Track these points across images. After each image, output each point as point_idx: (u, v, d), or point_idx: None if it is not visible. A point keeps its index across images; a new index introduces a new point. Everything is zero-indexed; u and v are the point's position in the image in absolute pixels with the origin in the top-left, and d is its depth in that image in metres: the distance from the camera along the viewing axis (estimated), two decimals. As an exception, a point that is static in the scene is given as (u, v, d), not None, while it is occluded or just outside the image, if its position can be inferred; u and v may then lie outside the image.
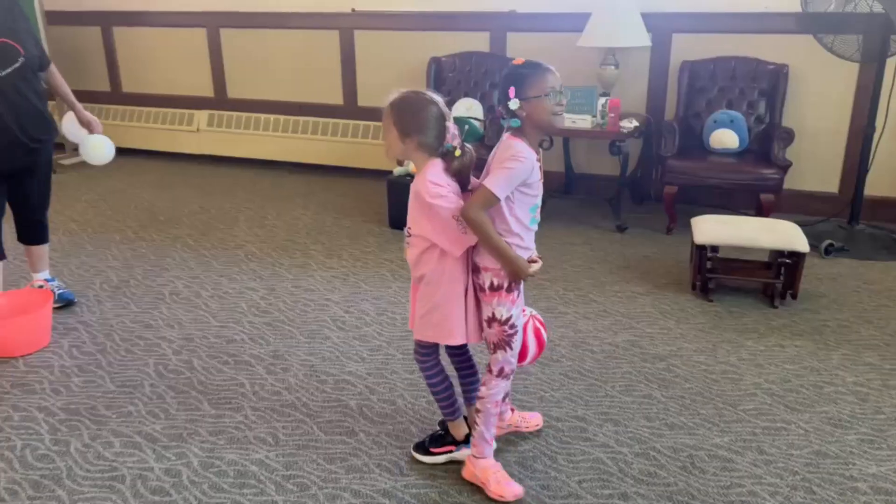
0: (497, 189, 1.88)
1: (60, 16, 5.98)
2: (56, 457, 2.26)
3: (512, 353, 2.05)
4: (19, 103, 2.94)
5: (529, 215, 1.99)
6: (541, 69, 1.91)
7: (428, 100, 1.96)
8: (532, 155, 1.91)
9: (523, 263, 1.96)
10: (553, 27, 4.70)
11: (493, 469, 2.09)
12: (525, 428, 2.38)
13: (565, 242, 4.08)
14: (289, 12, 5.41)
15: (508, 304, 2.00)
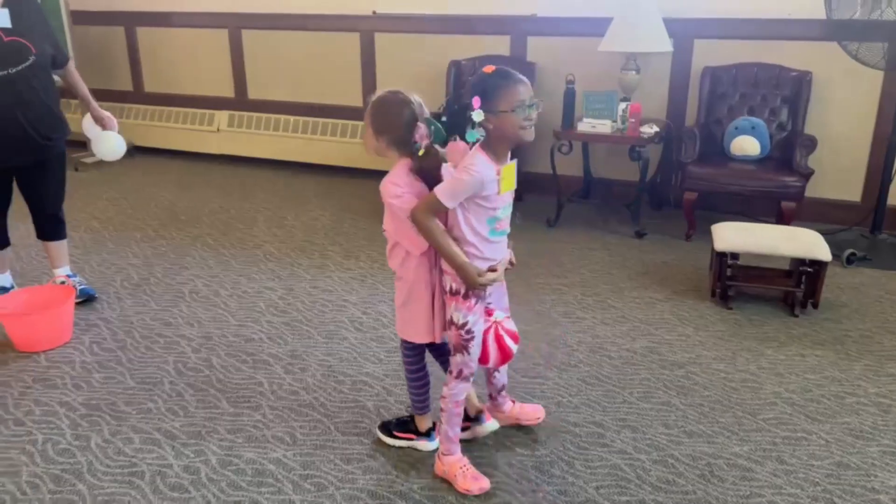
0: (443, 197, 1.90)
1: (85, 15, 6.05)
2: (77, 451, 2.29)
3: (469, 357, 2.07)
4: (30, 100, 2.98)
5: (487, 227, 1.99)
6: (511, 80, 1.87)
7: (403, 100, 2.01)
8: (487, 171, 1.90)
9: (472, 271, 1.96)
10: (574, 32, 4.69)
11: (459, 464, 2.14)
12: (525, 421, 2.41)
13: (583, 247, 4.06)
14: (310, 14, 5.44)
15: (464, 311, 2.02)
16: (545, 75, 4.83)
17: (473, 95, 1.87)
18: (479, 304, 2.04)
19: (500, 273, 2.05)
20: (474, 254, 1.99)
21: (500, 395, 2.40)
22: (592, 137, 4.28)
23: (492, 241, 2.01)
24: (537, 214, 4.61)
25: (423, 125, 2.01)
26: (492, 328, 2.12)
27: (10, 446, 2.31)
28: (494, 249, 2.04)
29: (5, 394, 2.61)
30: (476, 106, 1.86)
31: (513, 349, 2.17)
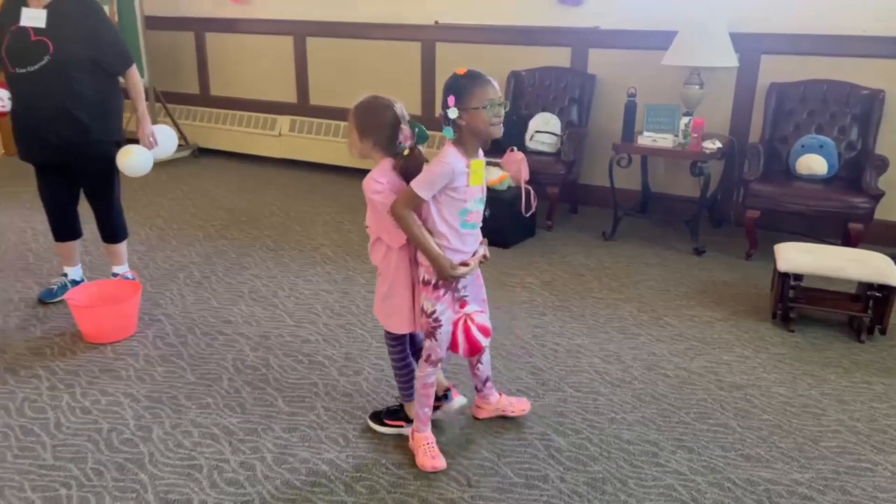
0: (419, 189, 2.05)
1: (158, 21, 6.28)
2: (139, 442, 2.36)
3: (437, 343, 2.21)
4: (43, 100, 3.00)
5: (459, 219, 2.13)
6: (481, 80, 2.02)
7: (385, 105, 2.15)
8: (457, 162, 2.05)
9: (445, 262, 2.11)
10: (637, 44, 4.65)
11: (424, 441, 2.29)
12: (511, 412, 2.50)
13: (639, 262, 4.01)
14: (374, 23, 5.53)
15: (433, 300, 2.17)
16: (605, 88, 4.80)
17: (448, 95, 2.01)
18: (447, 294, 2.19)
19: (471, 266, 2.20)
20: (446, 245, 2.14)
21: (485, 386, 2.49)
22: (653, 151, 4.23)
23: (463, 232, 2.16)
24: (593, 227, 4.57)
25: (406, 127, 2.14)
26: (461, 320, 2.22)
27: (78, 433, 2.40)
28: (466, 242, 2.19)
29: (74, 383, 2.71)
30: (451, 104, 2.00)
31: (481, 342, 2.25)
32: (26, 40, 2.97)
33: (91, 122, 3.11)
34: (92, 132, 3.13)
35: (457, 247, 2.16)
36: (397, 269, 2.22)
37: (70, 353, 2.93)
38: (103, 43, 3.08)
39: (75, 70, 3.02)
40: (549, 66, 4.87)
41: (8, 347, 2.97)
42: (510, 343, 3.07)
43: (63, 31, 2.98)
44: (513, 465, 2.27)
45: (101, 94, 3.13)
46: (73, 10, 3.01)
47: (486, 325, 2.27)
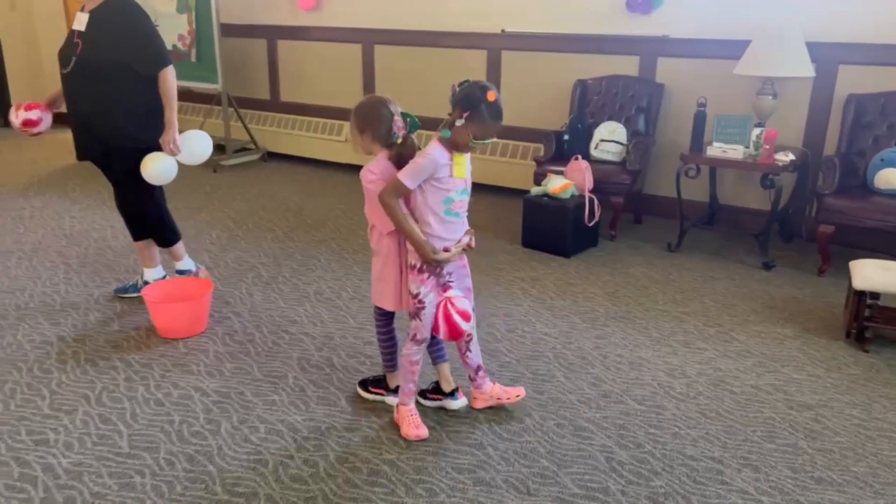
0: (405, 179, 2.26)
1: (233, 28, 6.50)
2: (208, 435, 2.45)
3: (421, 323, 2.41)
4: (74, 100, 3.20)
5: (443, 207, 2.32)
6: (495, 121, 2.23)
7: (380, 101, 2.38)
8: (441, 155, 2.27)
9: (427, 248, 2.31)
10: (708, 54, 4.57)
11: (408, 413, 2.47)
12: (507, 400, 2.60)
13: (706, 275, 3.93)
14: (441, 31, 5.58)
15: (418, 283, 2.37)
16: (674, 97, 4.73)
17: (466, 109, 2.21)
18: (431, 278, 2.38)
19: (453, 253, 2.38)
20: (430, 232, 2.33)
21: (477, 375, 2.60)
22: (722, 163, 4.14)
23: (447, 220, 2.35)
24: (658, 238, 4.50)
25: (399, 119, 2.35)
26: (442, 303, 2.37)
27: (151, 424, 2.50)
28: (450, 229, 2.36)
29: (148, 375, 2.83)
30: (464, 118, 2.21)
31: (461, 325, 2.37)
32: (69, 43, 3.16)
33: (119, 124, 3.17)
34: (119, 134, 3.19)
35: (440, 234, 2.34)
36: (388, 253, 2.44)
37: (145, 346, 3.06)
38: (134, 45, 3.10)
39: (104, 72, 3.10)
40: (616, 75, 4.83)
41: (88, 340, 3.11)
42: (571, 353, 3.05)
43: (96, 35, 3.09)
44: (573, 475, 2.26)
45: (132, 96, 3.16)
46: (111, 14, 3.11)
47: (466, 309, 2.39)
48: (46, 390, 2.71)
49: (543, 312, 3.44)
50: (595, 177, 4.30)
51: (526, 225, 4.35)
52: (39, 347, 3.04)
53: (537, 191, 4.32)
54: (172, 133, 3.20)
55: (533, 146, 5.28)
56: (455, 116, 2.23)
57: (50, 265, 3.95)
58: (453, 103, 2.25)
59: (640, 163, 4.41)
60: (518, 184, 5.31)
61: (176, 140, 3.21)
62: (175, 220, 3.58)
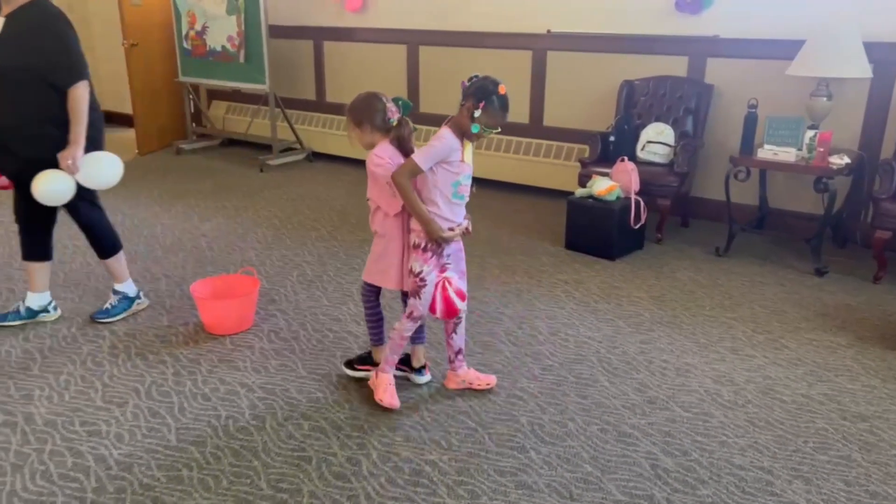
0: (420, 160, 2.41)
1: (281, 30, 6.59)
2: (254, 430, 2.48)
3: (421, 302, 2.54)
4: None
5: (452, 189, 2.48)
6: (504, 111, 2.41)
7: (370, 94, 2.54)
8: (453, 141, 2.42)
9: (436, 226, 2.46)
10: (760, 54, 4.46)
11: (385, 382, 2.63)
12: (478, 385, 2.73)
13: (755, 280, 3.84)
14: (486, 32, 5.57)
15: (421, 261, 2.51)
16: (724, 98, 4.64)
17: (481, 100, 2.36)
18: (434, 258, 2.52)
19: (456, 233, 2.54)
20: (437, 213, 2.48)
21: (457, 358, 2.74)
22: (773, 165, 4.04)
23: (453, 203, 2.51)
24: (705, 242, 4.42)
25: (391, 104, 2.50)
26: (440, 282, 2.54)
27: (198, 418, 2.55)
28: (455, 212, 2.53)
29: (195, 371, 2.88)
30: (481, 108, 2.36)
31: (457, 304, 2.56)
32: None
33: (28, 135, 2.95)
34: (27, 146, 2.96)
35: (446, 215, 2.50)
36: (392, 234, 2.59)
37: (192, 342, 3.12)
38: (48, 54, 2.89)
39: (14, 80, 2.89)
40: (663, 76, 4.76)
41: (139, 334, 3.19)
42: (615, 358, 3.01)
43: (9, 41, 2.89)
44: (617, 481, 2.23)
45: (44, 107, 2.92)
46: (28, 20, 2.89)
47: (462, 289, 2.59)
48: (99, 383, 2.78)
49: (587, 316, 3.41)
50: (641, 179, 4.24)
51: (570, 227, 4.31)
52: (92, 341, 3.12)
53: (582, 192, 4.28)
54: (74, 150, 2.93)
55: (578, 147, 5.23)
56: (471, 108, 2.37)
57: (103, 261, 4.06)
58: (466, 96, 2.40)
59: (687, 165, 4.33)
60: (562, 185, 5.27)
61: (77, 159, 2.94)
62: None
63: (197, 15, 6.46)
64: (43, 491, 2.17)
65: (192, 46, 6.63)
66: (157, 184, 5.78)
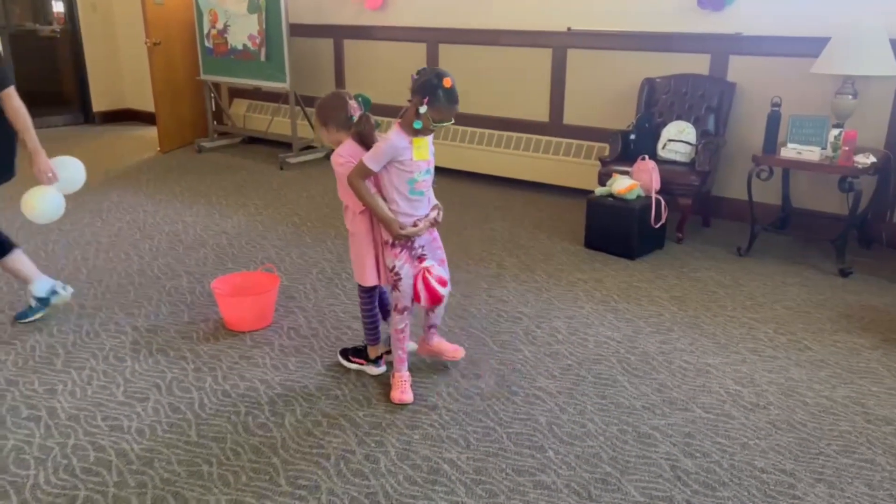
0: (368, 162, 2.47)
1: (302, 28, 6.62)
2: (273, 427, 2.50)
3: (401, 294, 2.62)
4: None
5: (407, 186, 2.52)
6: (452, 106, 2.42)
7: (334, 94, 2.66)
8: (399, 140, 2.45)
9: (394, 223, 2.53)
10: (783, 51, 4.41)
11: (401, 379, 2.68)
12: (446, 356, 2.87)
13: (777, 281, 3.79)
14: (506, 30, 5.56)
15: (392, 257, 2.59)
16: (746, 96, 4.58)
17: (425, 95, 2.37)
18: (403, 252, 2.59)
19: (420, 228, 2.58)
20: (397, 209, 2.54)
21: (429, 331, 2.87)
22: (797, 164, 3.99)
23: (412, 199, 2.55)
24: (726, 241, 4.38)
25: (353, 102, 2.58)
26: (420, 273, 2.59)
27: (218, 414, 2.57)
28: (415, 207, 2.57)
29: (216, 367, 2.90)
30: (425, 104, 2.38)
31: (440, 291, 2.61)
32: None
33: None
34: None
35: (407, 211, 2.55)
36: (360, 231, 2.65)
37: (213, 338, 3.14)
38: None
39: None
40: (685, 73, 4.71)
41: (160, 330, 3.22)
42: (635, 358, 2.99)
43: None
44: (636, 482, 2.21)
45: None
46: None
47: (443, 276, 2.64)
48: (121, 378, 2.81)
49: (607, 315, 3.39)
50: (662, 177, 4.20)
51: (589, 226, 4.28)
52: (115, 336, 3.16)
53: (602, 191, 4.25)
54: (41, 160, 2.83)
55: (598, 146, 5.20)
56: (416, 104, 2.39)
57: (125, 257, 4.10)
58: (413, 92, 2.42)
59: (709, 163, 4.28)
60: (582, 184, 5.24)
61: (50, 166, 2.86)
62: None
63: (219, 13, 6.51)
64: (66, 484, 2.20)
65: (213, 45, 6.68)
66: (178, 181, 5.83)
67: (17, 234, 4.41)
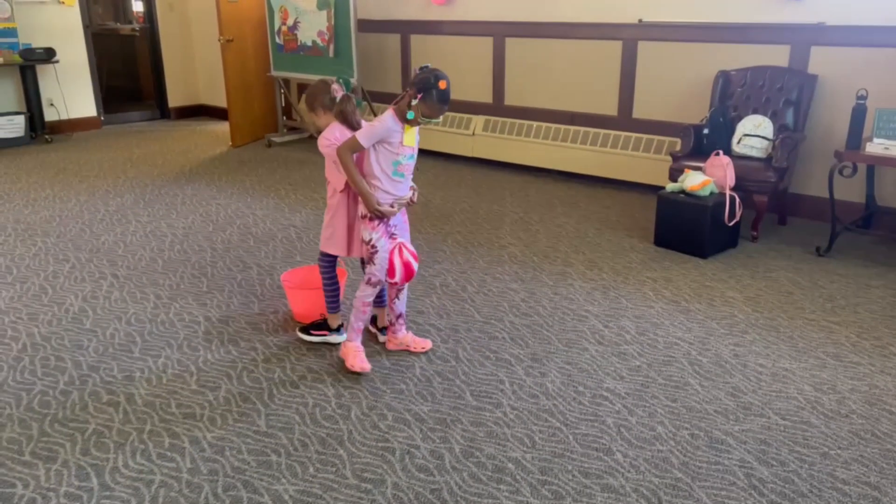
0: (361, 138, 2.64)
1: (369, 24, 6.68)
2: (339, 419, 2.52)
3: (376, 267, 2.76)
4: None
5: (392, 167, 2.69)
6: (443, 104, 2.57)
7: (320, 81, 2.88)
8: (393, 124, 2.63)
9: (373, 200, 2.69)
10: (870, 42, 4.19)
11: (353, 349, 2.84)
12: (415, 348, 2.96)
13: (860, 283, 3.61)
14: (575, 23, 5.47)
15: (369, 230, 2.75)
16: (828, 89, 4.38)
17: (420, 91, 2.54)
18: (381, 225, 2.74)
19: (395, 209, 2.74)
20: (378, 186, 2.71)
21: (397, 321, 2.97)
22: (884, 161, 3.78)
23: (394, 179, 2.72)
24: (804, 241, 4.20)
25: (335, 85, 2.80)
26: (396, 247, 2.75)
27: (287, 405, 2.62)
28: (396, 187, 2.73)
29: (284, 358, 2.96)
30: (417, 99, 2.55)
31: (414, 265, 2.77)
32: None
33: None
34: None
35: (388, 189, 2.72)
36: (339, 205, 2.85)
37: (282, 330, 3.20)
38: None
39: None
40: (762, 66, 4.54)
41: (231, 321, 3.30)
42: (707, 360, 2.90)
43: None
44: (708, 489, 2.14)
45: None
46: None
47: (414, 252, 2.80)
48: (194, 367, 2.90)
49: (677, 315, 3.30)
50: (737, 174, 4.06)
51: (660, 223, 4.17)
52: (188, 326, 3.26)
53: (673, 187, 4.14)
54: None
55: (669, 140, 5.07)
56: (411, 96, 2.56)
57: (198, 249, 4.23)
58: (410, 84, 2.58)
59: (787, 159, 4.11)
60: (652, 179, 5.12)
61: None
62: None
63: (289, 10, 6.62)
64: (143, 469, 2.27)
65: (283, 41, 6.81)
66: (249, 175, 5.98)
67: (98, 226, 4.60)
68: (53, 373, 2.85)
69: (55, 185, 5.66)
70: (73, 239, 4.39)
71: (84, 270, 3.88)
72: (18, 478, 2.23)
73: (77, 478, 2.23)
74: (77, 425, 2.50)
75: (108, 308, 3.43)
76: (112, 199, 5.25)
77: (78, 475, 2.24)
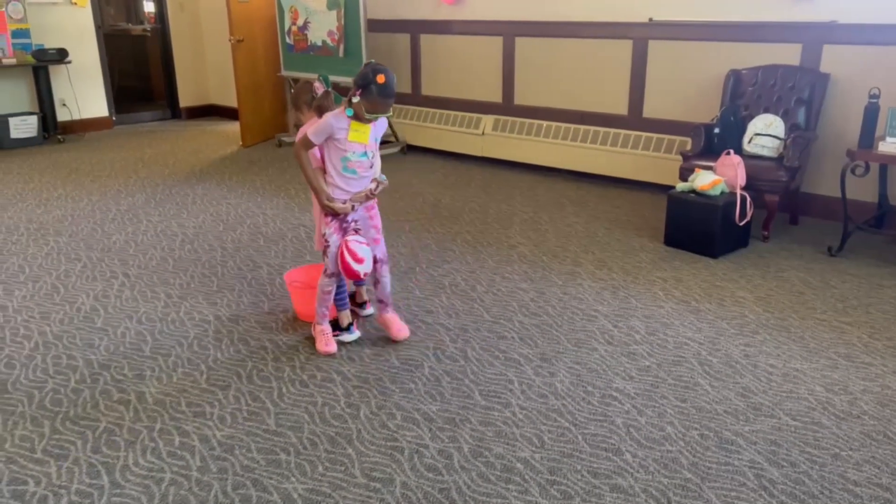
0: (311, 134, 2.74)
1: (379, 24, 6.69)
2: (348, 418, 2.53)
3: (329, 259, 2.89)
4: None
5: (341, 164, 2.77)
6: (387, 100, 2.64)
7: (304, 81, 3.04)
8: (337, 121, 2.70)
9: (323, 195, 2.80)
10: (883, 40, 4.16)
11: (320, 331, 2.99)
12: (390, 334, 3.06)
13: (872, 283, 3.58)
14: (584, 22, 5.46)
15: (325, 224, 2.87)
16: (841, 88, 4.35)
17: (360, 87, 2.62)
18: (334, 222, 2.85)
19: (347, 207, 2.81)
20: (332, 182, 2.80)
21: (379, 304, 3.10)
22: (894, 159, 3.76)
23: (345, 175, 2.79)
24: (816, 240, 4.17)
25: (316, 83, 2.91)
26: (341, 245, 2.85)
27: (296, 404, 2.63)
28: (349, 183, 2.81)
29: (294, 357, 2.97)
30: (357, 96, 2.63)
31: (353, 266, 2.82)
32: None
33: None
34: None
35: (340, 185, 2.80)
36: (315, 202, 2.96)
37: (292, 329, 3.21)
38: None
39: None
40: (773, 64, 4.51)
41: (241, 320, 3.32)
42: (717, 361, 2.88)
43: None
44: (717, 490, 2.13)
45: None
46: None
47: (357, 252, 2.83)
48: (204, 366, 2.91)
49: (687, 315, 3.28)
50: (748, 173, 4.04)
51: (670, 222, 4.16)
52: (199, 325, 3.27)
53: (683, 187, 4.12)
54: None
55: (679, 139, 5.05)
56: (352, 93, 2.64)
57: (209, 248, 4.25)
58: (354, 80, 2.65)
59: (798, 159, 4.09)
60: (662, 179, 5.10)
61: None
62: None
63: (299, 10, 6.64)
64: (153, 467, 2.29)
65: (294, 41, 6.83)
66: (259, 175, 6.00)
67: (109, 225, 4.64)
68: (65, 371, 2.87)
69: (67, 185, 5.71)
70: (85, 238, 4.42)
71: (95, 269, 3.91)
72: (31, 475, 2.25)
73: (88, 475, 2.24)
74: (88, 423, 2.52)
75: (120, 307, 3.45)
76: (123, 198, 5.28)
77: (89, 472, 2.25)
